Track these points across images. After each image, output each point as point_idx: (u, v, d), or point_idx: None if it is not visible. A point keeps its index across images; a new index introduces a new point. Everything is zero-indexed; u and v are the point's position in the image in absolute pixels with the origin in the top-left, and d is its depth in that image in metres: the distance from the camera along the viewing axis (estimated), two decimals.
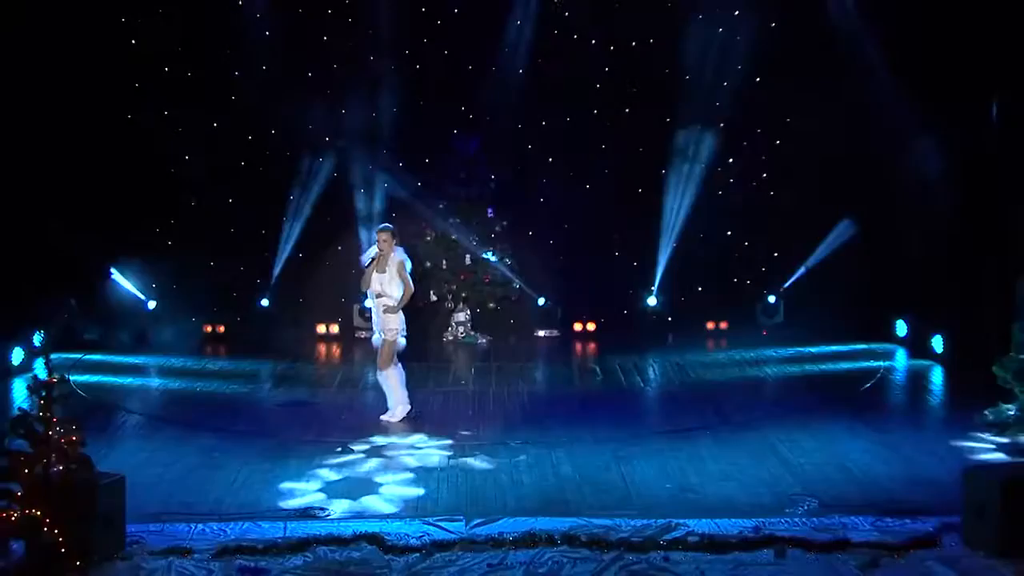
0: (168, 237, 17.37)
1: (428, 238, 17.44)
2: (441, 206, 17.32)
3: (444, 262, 17.46)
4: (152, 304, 17.45)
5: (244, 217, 17.36)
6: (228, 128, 17.22)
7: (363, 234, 16.85)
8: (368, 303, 12.41)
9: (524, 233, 17.67)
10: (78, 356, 15.63)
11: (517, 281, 17.52)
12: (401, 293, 11.90)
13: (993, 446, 10.89)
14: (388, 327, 11.96)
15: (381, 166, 17.42)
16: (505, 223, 17.50)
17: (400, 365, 12.25)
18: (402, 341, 12.10)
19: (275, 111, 16.87)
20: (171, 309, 17.38)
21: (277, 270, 17.52)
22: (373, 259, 11.94)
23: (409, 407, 12.28)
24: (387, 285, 11.89)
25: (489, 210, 17.49)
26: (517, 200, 17.55)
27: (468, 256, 17.44)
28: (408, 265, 11.99)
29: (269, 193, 17.28)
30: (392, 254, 11.92)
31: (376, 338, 12.17)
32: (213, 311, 17.64)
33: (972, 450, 10.76)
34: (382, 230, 12.02)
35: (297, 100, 16.89)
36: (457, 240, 17.45)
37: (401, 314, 12.00)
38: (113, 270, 16.99)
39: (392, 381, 12.12)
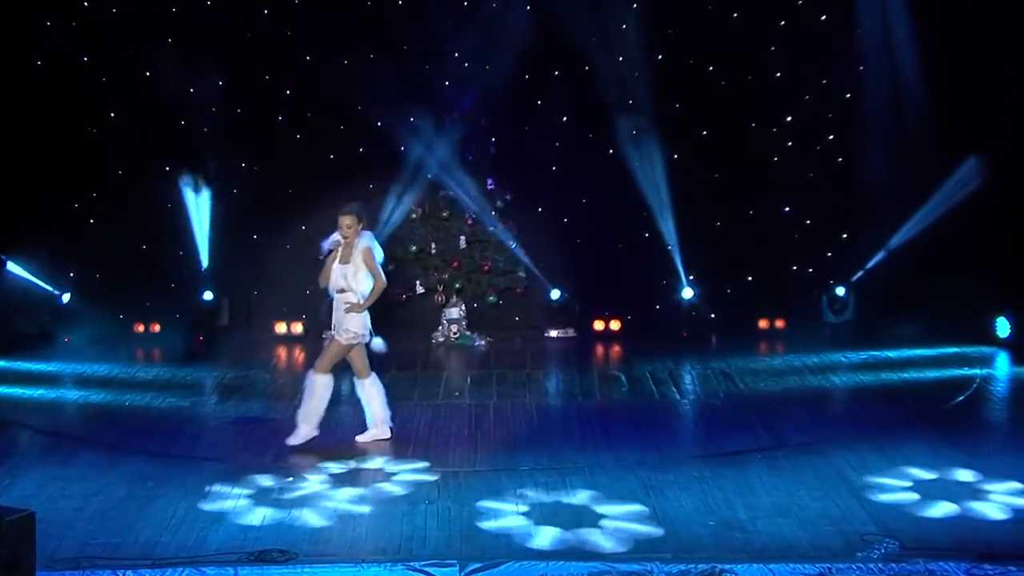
0: (89, 214, 17.37)
1: (414, 215, 17.42)
2: (430, 176, 17.29)
3: (433, 245, 17.47)
4: (67, 298, 17.45)
5: (184, 189, 17.35)
6: (163, 77, 17.19)
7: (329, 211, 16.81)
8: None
9: (532, 209, 17.66)
10: None
11: (523, 269, 17.51)
12: (369, 288, 11.88)
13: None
14: (347, 327, 11.91)
15: (354, 125, 17.41)
16: (509, 196, 17.49)
17: (374, 375, 12.25)
18: (378, 342, 12.09)
19: (221, 54, 16.85)
20: (92, 304, 17.38)
21: (224, 255, 17.53)
22: (331, 250, 11.90)
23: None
24: (352, 278, 11.85)
25: (489, 180, 17.48)
26: (524, 168, 17.52)
27: (463, 238, 17.44)
28: (378, 253, 11.96)
29: (216, 156, 17.27)
30: (357, 241, 11.89)
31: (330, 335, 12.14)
32: (145, 306, 17.64)
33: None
34: (345, 212, 11.92)
35: (247, 39, 16.86)
36: (449, 217, 17.43)
37: (367, 314, 11.97)
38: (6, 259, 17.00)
39: (317, 389, 12.01)
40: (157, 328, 17.65)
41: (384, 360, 15.50)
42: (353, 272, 11.85)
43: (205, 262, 17.53)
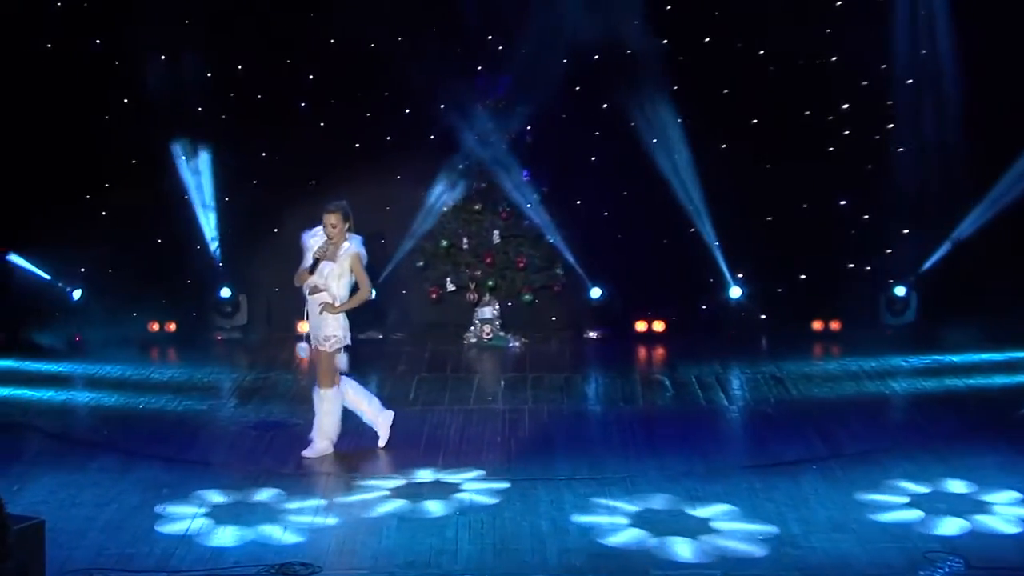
0: (100, 206, 17.42)
1: (444, 208, 17.40)
2: (461, 166, 17.27)
3: (465, 240, 17.44)
4: (78, 294, 17.51)
5: (200, 180, 17.39)
6: (178, 61, 17.21)
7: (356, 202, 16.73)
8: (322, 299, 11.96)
9: (571, 202, 17.60)
10: None
11: (561, 265, 17.48)
12: (347, 293, 11.79)
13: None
14: (327, 334, 11.82)
15: (381, 112, 17.42)
16: (545, 189, 17.44)
17: (337, 389, 12.06)
18: (342, 358, 11.96)
19: (239, 37, 16.89)
20: (104, 301, 17.43)
21: (243, 250, 17.58)
22: (318, 259, 11.78)
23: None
24: (332, 278, 11.75)
25: (524, 171, 17.44)
26: (562, 158, 17.47)
27: (497, 232, 17.41)
28: (364, 259, 11.88)
29: (236, 145, 17.30)
30: (345, 243, 11.80)
31: (303, 347, 12.03)
32: (161, 303, 17.69)
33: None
34: (331, 210, 11.83)
35: (267, 22, 16.87)
36: (482, 210, 17.41)
37: (345, 317, 11.88)
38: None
39: (328, 405, 11.97)
40: (173, 327, 17.69)
41: (413, 362, 15.60)
42: (337, 274, 11.77)
43: (218, 256, 17.54)
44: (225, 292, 17.64)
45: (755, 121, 17.31)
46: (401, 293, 17.69)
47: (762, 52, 17.21)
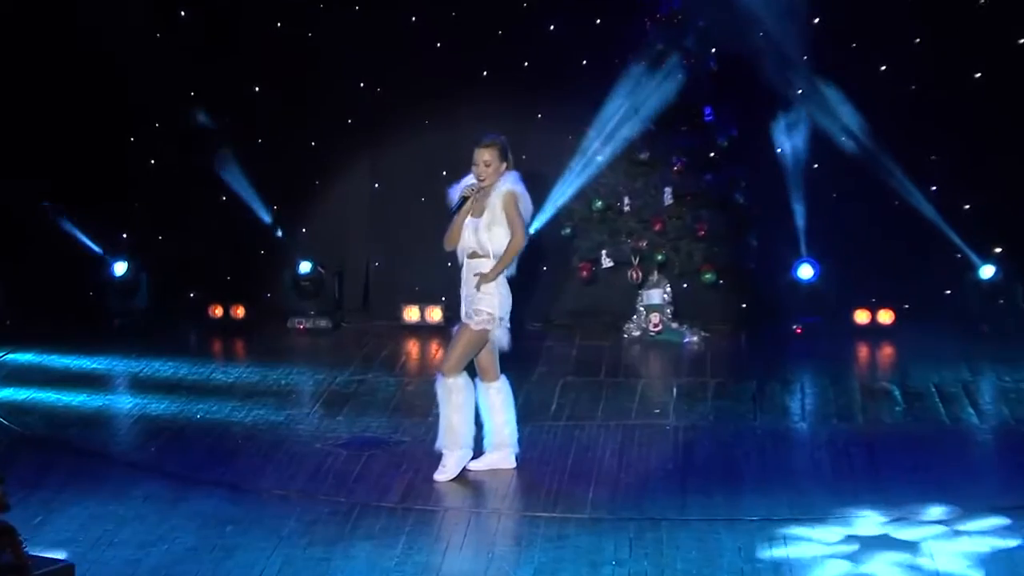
0: (149, 153, 17.69)
1: (599, 157, 17.36)
2: (621, 103, 17.21)
3: (627, 200, 17.40)
4: (122, 268, 17.77)
5: (277, 124, 17.61)
6: None
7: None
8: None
9: (768, 149, 17.48)
10: None
11: (755, 235, 17.39)
12: (504, 244, 11.81)
13: None
14: (480, 307, 11.86)
15: (513, 33, 17.49)
16: (735, 133, 17.35)
17: (504, 379, 12.26)
18: (503, 337, 12.02)
19: None
20: (154, 277, 17.71)
21: (331, 212, 17.77)
22: (465, 198, 11.86)
23: (517, 449, 12.36)
24: (484, 233, 11.81)
25: (706, 110, 17.38)
26: (754, 92, 17.33)
27: (669, 190, 17.33)
28: (524, 200, 11.87)
29: (324, 73, 17.56)
30: (498, 185, 11.83)
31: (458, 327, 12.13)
32: (225, 281, 17.92)
33: None
34: (485, 144, 11.87)
35: None
36: (650, 161, 17.35)
37: (507, 290, 11.95)
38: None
39: (457, 397, 12.00)
40: (240, 312, 17.89)
41: (557, 362, 15.61)
42: (487, 224, 11.81)
43: (276, 221, 17.70)
44: (305, 267, 17.73)
45: (1022, 42, 17.07)
46: (541, 270, 17.66)
47: None
